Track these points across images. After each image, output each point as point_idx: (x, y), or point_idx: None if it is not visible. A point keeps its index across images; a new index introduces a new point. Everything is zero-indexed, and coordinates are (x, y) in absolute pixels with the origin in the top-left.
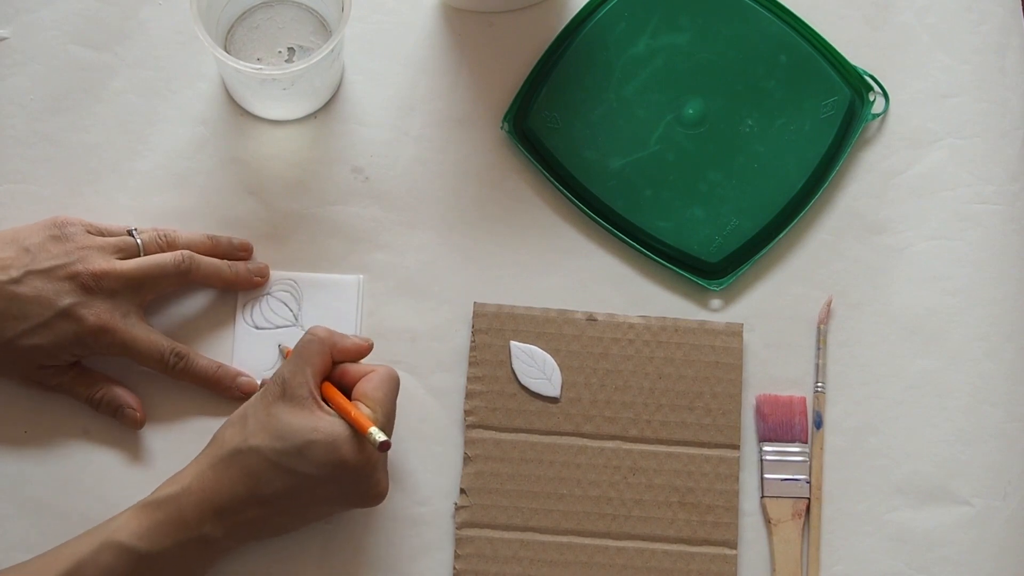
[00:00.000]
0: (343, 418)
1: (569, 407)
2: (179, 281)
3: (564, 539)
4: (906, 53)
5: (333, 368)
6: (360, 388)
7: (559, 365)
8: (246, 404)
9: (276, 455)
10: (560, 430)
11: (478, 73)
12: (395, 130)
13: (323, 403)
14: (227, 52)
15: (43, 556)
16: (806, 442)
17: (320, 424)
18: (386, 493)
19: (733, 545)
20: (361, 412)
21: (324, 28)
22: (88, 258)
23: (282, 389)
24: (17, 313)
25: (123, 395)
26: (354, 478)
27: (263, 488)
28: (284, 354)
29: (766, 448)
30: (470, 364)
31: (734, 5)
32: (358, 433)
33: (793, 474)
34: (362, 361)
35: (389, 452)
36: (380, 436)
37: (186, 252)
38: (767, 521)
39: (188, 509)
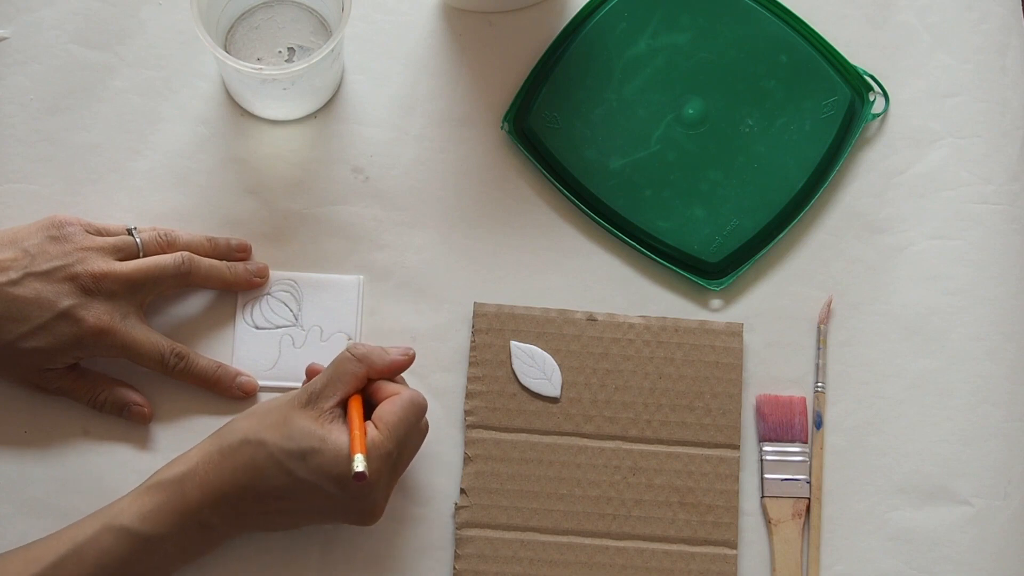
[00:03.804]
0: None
1: (569, 407)
2: (179, 283)
3: (564, 539)
4: (907, 52)
5: (369, 383)
6: (379, 411)
7: (559, 365)
8: (270, 400)
9: (281, 453)
10: (560, 430)
11: (478, 73)
12: (395, 130)
13: (342, 420)
14: (227, 52)
15: (44, 539)
16: (806, 442)
17: (330, 436)
18: (380, 516)
19: (733, 545)
20: (364, 435)
21: (324, 28)
22: (87, 259)
23: (308, 399)
24: (16, 315)
25: (127, 393)
26: (351, 495)
27: (262, 483)
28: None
29: (766, 448)
30: (470, 364)
31: (734, 5)
32: (360, 453)
33: (793, 474)
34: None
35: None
36: (359, 466)
37: (186, 254)
38: (767, 521)
39: (191, 492)
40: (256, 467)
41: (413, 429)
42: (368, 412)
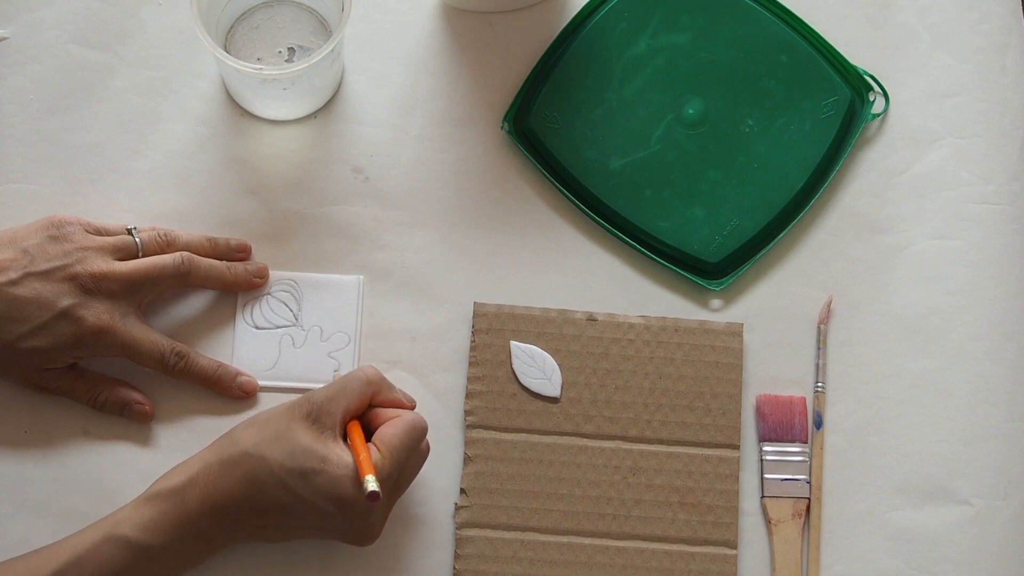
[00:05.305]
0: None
1: (569, 407)
2: (178, 283)
3: (564, 539)
4: (907, 52)
5: (367, 409)
6: (380, 432)
7: (559, 365)
8: (271, 409)
9: (281, 470)
10: (560, 430)
11: (478, 73)
12: (395, 130)
13: (342, 439)
14: (227, 52)
15: (45, 549)
16: (806, 442)
17: (332, 456)
18: (376, 538)
19: (733, 545)
20: (369, 457)
21: (324, 28)
22: (87, 259)
23: (310, 410)
24: (16, 315)
25: (128, 392)
26: (349, 516)
27: (261, 497)
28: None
29: (766, 448)
30: (470, 364)
31: (734, 5)
32: (371, 473)
33: (793, 474)
34: None
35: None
36: (372, 486)
37: (185, 254)
38: (767, 521)
39: (190, 502)
40: (256, 481)
41: (413, 452)
42: (365, 436)
